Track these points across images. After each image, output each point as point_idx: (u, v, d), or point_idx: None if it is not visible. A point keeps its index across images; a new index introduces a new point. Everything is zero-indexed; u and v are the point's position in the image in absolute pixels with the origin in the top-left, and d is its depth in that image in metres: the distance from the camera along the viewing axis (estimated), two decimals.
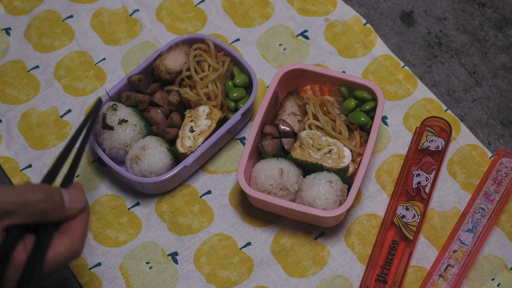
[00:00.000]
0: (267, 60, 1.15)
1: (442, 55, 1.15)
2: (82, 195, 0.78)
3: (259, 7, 1.19)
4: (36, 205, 0.73)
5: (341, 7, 1.19)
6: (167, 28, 1.18)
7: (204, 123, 1.04)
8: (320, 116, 1.03)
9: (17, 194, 0.72)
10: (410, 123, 1.09)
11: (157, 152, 1.02)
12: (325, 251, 1.01)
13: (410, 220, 1.00)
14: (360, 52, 1.15)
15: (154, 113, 1.05)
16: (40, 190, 0.74)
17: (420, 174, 1.03)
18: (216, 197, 1.06)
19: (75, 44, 1.17)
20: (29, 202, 0.72)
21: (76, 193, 0.78)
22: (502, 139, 1.08)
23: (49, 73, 1.15)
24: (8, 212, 0.71)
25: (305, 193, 0.98)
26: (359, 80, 1.04)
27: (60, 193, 0.76)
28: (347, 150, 1.01)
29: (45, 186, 0.75)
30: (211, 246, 1.02)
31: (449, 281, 0.96)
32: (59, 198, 0.75)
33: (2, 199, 0.71)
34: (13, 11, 1.20)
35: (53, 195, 0.75)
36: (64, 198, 0.76)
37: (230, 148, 1.09)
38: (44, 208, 0.73)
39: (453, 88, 1.12)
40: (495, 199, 1.01)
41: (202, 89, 1.06)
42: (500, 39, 1.16)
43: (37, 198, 0.73)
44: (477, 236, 0.99)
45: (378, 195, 1.05)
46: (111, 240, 1.03)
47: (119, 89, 1.07)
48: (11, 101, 1.13)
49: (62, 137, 1.10)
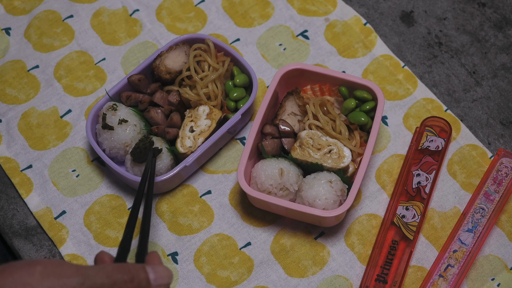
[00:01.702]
0: (267, 60, 1.15)
1: (442, 55, 1.15)
2: (167, 270, 0.77)
3: (259, 7, 1.19)
4: (122, 286, 0.72)
5: (341, 7, 1.19)
6: (167, 28, 1.18)
7: (204, 123, 1.04)
8: (320, 116, 1.03)
9: (105, 275, 0.71)
10: (410, 123, 1.09)
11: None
12: (325, 251, 1.01)
13: (410, 220, 1.00)
14: (360, 52, 1.15)
15: (154, 113, 1.05)
16: (125, 270, 0.73)
17: (420, 174, 1.03)
18: (216, 197, 1.06)
19: (75, 44, 1.17)
20: (117, 283, 0.72)
21: (161, 269, 0.76)
22: (502, 139, 1.08)
23: (49, 73, 1.15)
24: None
25: (305, 193, 0.98)
26: (359, 80, 1.04)
27: (145, 271, 0.75)
28: (347, 150, 1.01)
29: (130, 265, 0.74)
30: (211, 246, 1.02)
31: (449, 281, 0.96)
32: (144, 276, 0.74)
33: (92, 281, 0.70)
34: (13, 11, 1.20)
35: (139, 275, 0.74)
36: (149, 276, 0.75)
37: (230, 148, 1.09)
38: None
39: (453, 88, 1.12)
40: (495, 199, 1.01)
41: (202, 89, 1.06)
42: (500, 39, 1.16)
43: (123, 278, 0.72)
44: (477, 236, 0.99)
45: (378, 195, 1.05)
46: (111, 240, 1.03)
47: (119, 89, 1.07)
48: (11, 101, 1.13)
49: (62, 137, 1.10)
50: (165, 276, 0.76)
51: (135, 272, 0.74)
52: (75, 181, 1.07)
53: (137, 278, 0.73)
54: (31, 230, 1.04)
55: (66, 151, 1.09)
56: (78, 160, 1.08)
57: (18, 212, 1.06)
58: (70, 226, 1.04)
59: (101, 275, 0.71)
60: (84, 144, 1.09)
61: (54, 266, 0.69)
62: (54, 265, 0.70)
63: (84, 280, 0.69)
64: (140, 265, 0.75)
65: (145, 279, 0.74)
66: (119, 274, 0.72)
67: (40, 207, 1.05)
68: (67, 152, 1.09)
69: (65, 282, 0.69)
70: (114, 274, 0.72)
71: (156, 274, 0.75)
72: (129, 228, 0.84)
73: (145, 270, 0.75)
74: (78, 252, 1.02)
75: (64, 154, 1.09)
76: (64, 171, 1.08)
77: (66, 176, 1.07)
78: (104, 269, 0.72)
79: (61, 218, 1.04)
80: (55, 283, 0.68)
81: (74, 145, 1.10)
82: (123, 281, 0.72)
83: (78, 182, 1.07)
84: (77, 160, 1.08)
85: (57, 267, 0.69)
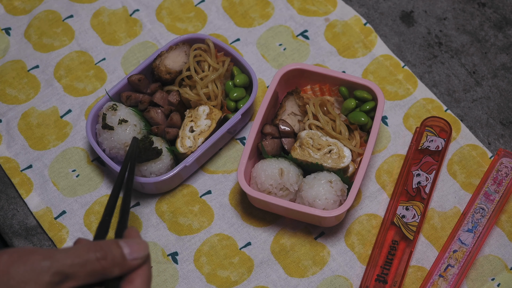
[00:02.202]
0: (267, 60, 1.15)
1: (442, 55, 1.15)
2: (142, 243, 0.73)
3: (259, 7, 1.19)
4: (95, 264, 0.69)
5: (341, 7, 1.19)
6: (167, 28, 1.18)
7: (204, 123, 1.04)
8: (320, 116, 1.03)
9: (74, 255, 0.68)
10: (410, 123, 1.09)
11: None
12: (325, 251, 1.01)
13: (410, 220, 1.00)
14: (360, 52, 1.15)
15: (154, 113, 1.05)
16: (97, 248, 0.70)
17: (420, 174, 1.03)
18: (216, 197, 1.06)
19: (75, 44, 1.17)
20: (88, 262, 0.68)
21: (136, 242, 0.73)
22: (502, 139, 1.08)
23: (49, 73, 1.15)
24: (68, 275, 0.68)
25: (305, 193, 0.98)
26: (359, 80, 1.04)
27: (118, 246, 0.71)
28: (347, 150, 1.01)
29: (101, 242, 0.71)
30: (211, 246, 1.02)
31: (449, 281, 0.96)
32: (118, 252, 0.70)
33: (61, 263, 0.67)
34: (13, 11, 1.20)
35: (112, 250, 0.70)
36: (124, 251, 0.71)
37: (230, 148, 1.09)
38: (104, 266, 0.69)
39: (453, 88, 1.12)
40: (495, 199, 1.01)
41: (202, 89, 1.06)
42: (500, 39, 1.16)
43: (95, 256, 0.69)
44: (477, 236, 0.99)
45: (378, 195, 1.05)
46: None
47: (119, 89, 1.07)
48: (11, 101, 1.13)
49: (62, 137, 1.10)
50: (141, 248, 0.72)
51: (107, 248, 0.70)
52: (75, 181, 1.07)
53: (110, 254, 0.70)
54: (31, 230, 1.04)
55: (66, 151, 1.09)
56: (78, 160, 1.08)
57: (18, 212, 1.06)
58: (70, 226, 1.04)
59: (70, 256, 0.68)
60: (84, 144, 1.09)
61: (21, 253, 0.68)
62: (21, 253, 0.68)
63: (52, 263, 0.67)
64: (113, 240, 0.72)
65: (119, 255, 0.70)
66: (90, 252, 0.69)
67: (40, 207, 1.05)
68: (67, 152, 1.09)
69: (33, 268, 0.67)
70: (84, 253, 0.69)
71: (131, 248, 0.72)
72: (108, 210, 0.80)
73: (118, 245, 0.71)
74: None
75: (64, 154, 1.09)
76: (64, 171, 1.08)
77: (66, 176, 1.07)
78: (74, 250, 0.69)
79: (61, 218, 1.04)
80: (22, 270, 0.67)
81: (74, 145, 1.10)
82: (95, 259, 0.69)
83: (78, 182, 1.07)
84: (77, 160, 1.08)
85: (24, 255, 0.68)
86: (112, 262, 0.70)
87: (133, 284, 0.71)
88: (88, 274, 0.69)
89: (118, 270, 0.71)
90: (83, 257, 0.69)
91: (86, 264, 0.68)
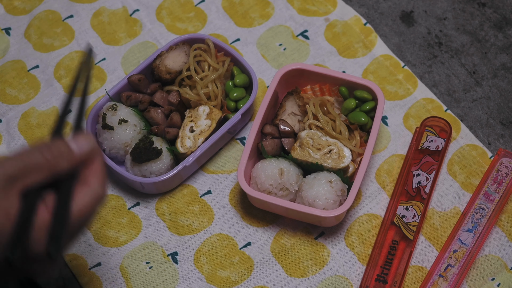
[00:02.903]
0: (267, 60, 1.15)
1: (442, 55, 1.15)
2: (89, 137, 0.72)
3: (259, 7, 1.19)
4: (41, 160, 0.68)
5: (341, 7, 1.19)
6: (167, 28, 1.18)
7: (204, 123, 1.04)
8: (320, 116, 1.03)
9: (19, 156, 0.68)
10: (410, 123, 1.09)
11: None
12: (325, 251, 1.01)
13: (410, 220, 1.00)
14: (360, 52, 1.15)
15: (154, 113, 1.05)
16: (42, 145, 0.69)
17: (420, 174, 1.03)
18: (216, 197, 1.06)
19: (75, 44, 1.17)
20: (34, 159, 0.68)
21: (82, 138, 0.72)
22: (502, 139, 1.08)
23: (49, 73, 1.15)
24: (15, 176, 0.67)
25: (305, 193, 0.98)
26: (359, 80, 1.04)
27: (64, 142, 0.71)
28: (347, 150, 1.01)
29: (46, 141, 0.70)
30: (211, 246, 1.02)
31: (449, 281, 0.96)
32: (64, 146, 0.70)
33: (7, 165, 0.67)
34: (13, 11, 1.20)
35: (57, 145, 0.70)
36: (70, 146, 0.70)
37: (230, 148, 1.09)
38: (50, 160, 0.69)
39: (453, 88, 1.12)
40: (495, 199, 1.01)
41: (202, 89, 1.06)
42: (500, 39, 1.16)
43: (40, 152, 0.68)
44: (477, 236, 0.99)
45: (378, 195, 1.05)
46: (111, 240, 1.03)
47: (119, 89, 1.07)
48: (11, 101, 1.13)
49: None
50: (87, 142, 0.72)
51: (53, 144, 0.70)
52: None
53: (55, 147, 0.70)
54: None
55: None
56: None
57: None
58: None
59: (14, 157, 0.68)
60: None
61: None
62: None
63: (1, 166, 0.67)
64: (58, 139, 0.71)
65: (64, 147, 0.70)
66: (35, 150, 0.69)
67: None
68: None
69: None
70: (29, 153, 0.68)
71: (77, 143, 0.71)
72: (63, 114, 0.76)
73: (63, 141, 0.71)
74: (78, 252, 1.02)
75: None
76: None
77: None
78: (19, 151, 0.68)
79: None
80: None
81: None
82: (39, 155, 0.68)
83: None
84: None
85: None
86: (57, 153, 0.69)
87: (87, 184, 0.71)
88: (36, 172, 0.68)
89: (66, 163, 0.70)
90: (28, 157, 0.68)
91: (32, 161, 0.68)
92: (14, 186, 0.67)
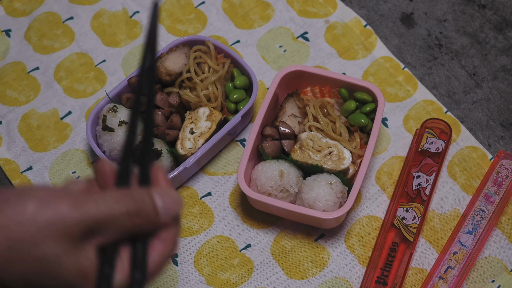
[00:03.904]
0: (267, 62, 1.15)
1: (442, 56, 1.15)
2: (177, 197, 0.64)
3: (259, 9, 1.19)
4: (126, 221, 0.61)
5: (341, 9, 1.19)
6: (167, 29, 1.18)
7: (204, 125, 1.04)
8: (320, 118, 1.03)
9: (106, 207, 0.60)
10: (410, 125, 1.09)
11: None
12: (325, 253, 1.01)
13: (410, 222, 1.00)
14: (360, 54, 1.15)
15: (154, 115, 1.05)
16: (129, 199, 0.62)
17: (420, 176, 1.03)
18: (216, 199, 1.06)
19: (75, 45, 1.17)
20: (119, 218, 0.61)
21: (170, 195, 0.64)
22: (502, 141, 1.08)
23: (49, 74, 1.15)
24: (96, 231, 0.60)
25: (305, 195, 0.98)
26: (359, 82, 1.05)
27: (151, 198, 0.63)
28: (347, 152, 1.01)
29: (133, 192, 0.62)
30: (211, 248, 1.02)
31: (449, 283, 0.96)
32: (151, 207, 0.62)
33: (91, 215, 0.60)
34: (13, 13, 1.20)
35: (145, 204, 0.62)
36: (157, 204, 0.63)
37: (230, 150, 1.09)
38: (136, 223, 0.61)
39: (453, 90, 1.12)
40: (495, 201, 1.01)
41: (202, 91, 1.06)
42: (500, 41, 1.16)
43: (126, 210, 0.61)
44: (477, 238, 0.99)
45: (378, 197, 1.05)
46: None
47: (119, 91, 1.07)
48: (11, 102, 1.13)
49: (62, 139, 1.10)
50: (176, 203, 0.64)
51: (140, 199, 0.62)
52: None
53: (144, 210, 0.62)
54: None
55: (66, 153, 1.09)
56: (78, 162, 1.08)
57: None
58: None
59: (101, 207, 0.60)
60: (84, 146, 1.10)
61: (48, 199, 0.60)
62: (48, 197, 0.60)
63: (83, 217, 0.59)
64: (145, 190, 0.63)
65: (152, 210, 0.62)
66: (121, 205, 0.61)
67: None
68: (67, 154, 1.09)
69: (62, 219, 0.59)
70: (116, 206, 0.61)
71: (165, 202, 0.63)
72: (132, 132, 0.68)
73: (151, 197, 0.63)
74: None
75: (64, 156, 1.09)
76: (65, 172, 1.08)
77: (67, 178, 1.07)
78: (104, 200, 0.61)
79: None
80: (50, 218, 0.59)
81: (74, 147, 1.10)
82: (127, 214, 0.61)
83: None
84: (78, 162, 1.08)
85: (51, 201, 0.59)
86: (144, 219, 0.62)
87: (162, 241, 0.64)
88: (117, 231, 0.61)
89: (149, 227, 0.63)
90: (114, 211, 0.60)
91: (117, 220, 0.61)
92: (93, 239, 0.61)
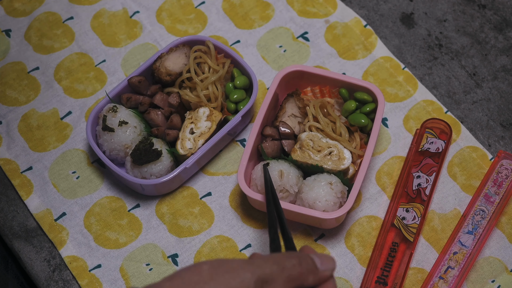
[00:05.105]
0: (267, 62, 1.15)
1: (442, 57, 1.15)
2: (330, 256, 0.76)
3: (259, 9, 1.19)
4: (292, 270, 0.71)
5: (341, 9, 1.19)
6: (167, 29, 1.18)
7: (204, 125, 1.04)
8: (320, 118, 1.03)
9: (273, 261, 0.71)
10: (411, 125, 1.09)
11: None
12: (325, 253, 1.01)
13: (410, 222, 1.00)
14: (360, 54, 1.15)
15: (154, 115, 1.05)
16: (292, 255, 0.73)
17: (420, 176, 1.03)
18: (216, 199, 1.06)
19: (75, 45, 1.17)
20: (286, 268, 0.71)
21: (323, 255, 0.76)
22: (503, 141, 1.08)
23: (49, 74, 1.15)
24: (267, 280, 0.69)
25: (305, 195, 0.98)
26: (359, 82, 1.05)
27: (309, 257, 0.74)
28: (347, 152, 1.01)
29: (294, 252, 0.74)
30: (211, 248, 1.02)
31: (449, 283, 0.96)
32: (311, 261, 0.73)
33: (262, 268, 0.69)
34: (13, 13, 1.20)
35: (306, 258, 0.73)
36: (315, 260, 0.74)
37: (230, 150, 1.09)
38: (300, 272, 0.72)
39: (453, 90, 1.12)
40: (495, 201, 1.01)
41: (202, 91, 1.06)
42: (500, 41, 1.16)
43: (291, 262, 0.71)
44: (477, 238, 0.99)
45: (378, 197, 1.05)
46: (111, 242, 1.03)
47: (119, 90, 1.07)
48: (11, 102, 1.13)
49: (62, 139, 1.10)
50: (330, 260, 0.75)
51: (301, 256, 0.73)
52: (75, 182, 1.07)
53: (305, 261, 0.72)
54: (31, 231, 1.04)
55: (66, 152, 1.09)
56: (78, 162, 1.08)
57: (18, 214, 1.06)
58: (70, 228, 1.04)
59: (270, 263, 0.70)
60: (84, 146, 1.09)
61: (220, 262, 0.69)
62: (219, 262, 0.69)
63: (255, 269, 0.69)
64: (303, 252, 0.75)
65: (312, 263, 0.73)
66: (287, 259, 0.71)
67: (40, 209, 1.05)
68: (67, 154, 1.09)
69: (237, 275, 0.68)
70: (282, 260, 0.71)
71: (321, 259, 0.74)
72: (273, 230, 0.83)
73: (309, 256, 0.74)
74: (78, 254, 1.02)
75: (64, 155, 1.09)
76: (64, 172, 1.08)
77: (66, 178, 1.07)
78: (272, 257, 0.72)
79: (61, 220, 1.04)
80: (226, 277, 0.68)
81: (74, 147, 1.10)
82: (292, 265, 0.71)
83: (78, 184, 1.07)
84: (77, 161, 1.08)
85: (223, 263, 0.69)
86: (307, 269, 0.72)
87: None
88: (285, 280, 0.70)
89: (312, 279, 0.73)
90: (281, 264, 0.71)
91: (284, 270, 0.70)
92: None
